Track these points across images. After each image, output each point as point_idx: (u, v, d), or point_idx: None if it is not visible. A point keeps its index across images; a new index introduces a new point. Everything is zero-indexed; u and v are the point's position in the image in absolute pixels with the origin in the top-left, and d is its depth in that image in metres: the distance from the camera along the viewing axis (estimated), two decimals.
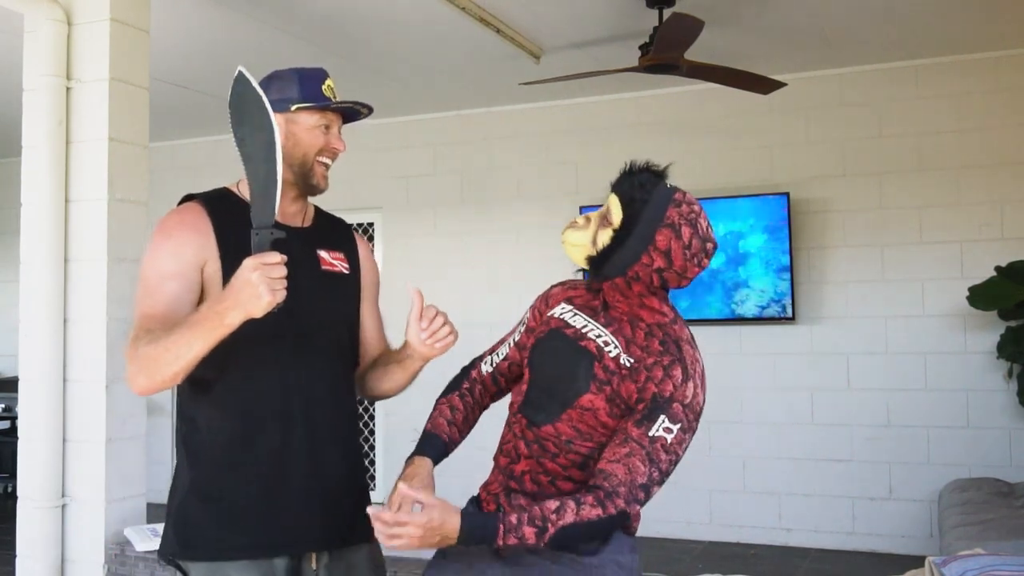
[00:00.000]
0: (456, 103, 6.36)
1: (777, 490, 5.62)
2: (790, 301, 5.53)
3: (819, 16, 4.69)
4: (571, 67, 5.11)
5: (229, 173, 2.03)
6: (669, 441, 1.72)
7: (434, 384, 2.16)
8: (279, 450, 1.85)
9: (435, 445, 1.94)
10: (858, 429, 5.51)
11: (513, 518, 1.65)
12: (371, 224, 6.82)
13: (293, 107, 1.91)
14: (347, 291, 2.03)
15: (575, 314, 1.90)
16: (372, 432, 6.79)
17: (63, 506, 3.37)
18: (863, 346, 5.52)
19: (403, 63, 5.39)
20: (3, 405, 6.86)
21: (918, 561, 2.92)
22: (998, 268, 5.03)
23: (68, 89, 3.44)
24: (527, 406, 1.88)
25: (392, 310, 2.10)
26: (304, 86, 1.94)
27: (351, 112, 2.00)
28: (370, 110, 2.00)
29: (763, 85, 4.57)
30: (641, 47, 4.33)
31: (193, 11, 4.45)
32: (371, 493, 2.07)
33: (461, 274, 6.39)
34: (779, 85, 4.59)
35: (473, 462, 2.08)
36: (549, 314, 1.95)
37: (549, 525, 1.64)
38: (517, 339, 2.04)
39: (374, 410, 6.78)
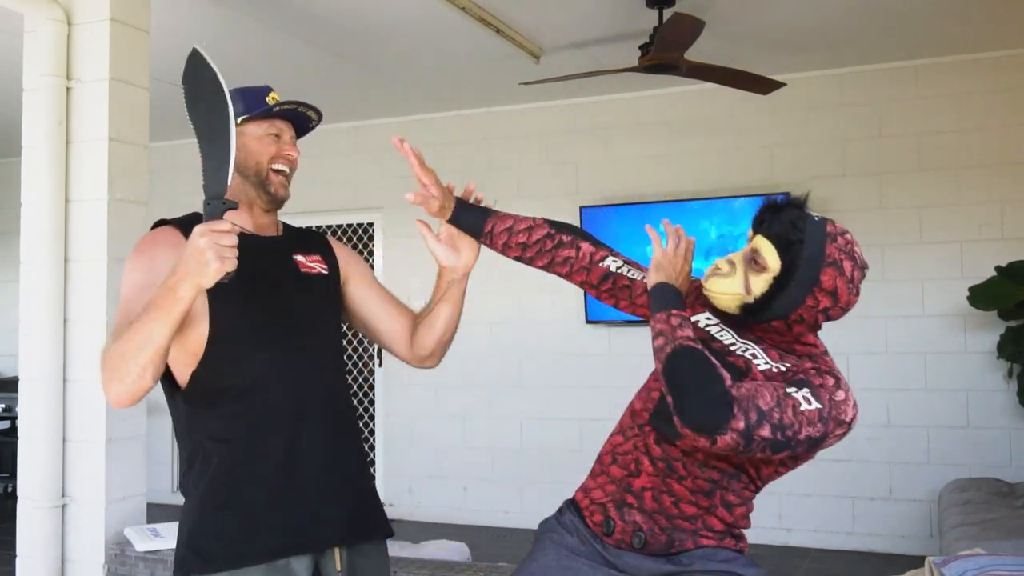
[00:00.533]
0: (456, 103, 6.36)
1: (777, 490, 5.57)
2: None
3: (819, 16, 4.69)
4: (571, 67, 5.11)
5: None
6: (801, 408, 1.61)
7: (441, 385, 2.16)
8: (289, 452, 1.85)
9: (478, 211, 2.04)
10: (858, 429, 5.42)
11: (675, 320, 1.67)
12: (371, 224, 6.82)
13: (239, 120, 1.90)
14: (329, 290, 2.06)
15: (722, 329, 1.81)
16: (372, 432, 6.78)
17: (63, 506, 3.36)
18: (863, 346, 5.51)
19: (403, 63, 5.39)
20: (3, 405, 6.86)
21: (918, 561, 2.93)
22: (998, 268, 5.03)
23: (68, 89, 3.43)
24: (660, 417, 1.77)
25: None
26: (247, 99, 1.95)
27: (303, 122, 2.02)
28: (319, 114, 2.02)
29: (763, 85, 4.57)
30: (641, 47, 4.33)
31: (193, 11, 4.45)
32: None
33: None
34: (779, 85, 4.59)
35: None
36: (692, 318, 1.84)
37: (671, 333, 1.65)
38: (637, 278, 1.96)
39: (374, 410, 6.78)
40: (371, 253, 6.81)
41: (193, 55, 1.72)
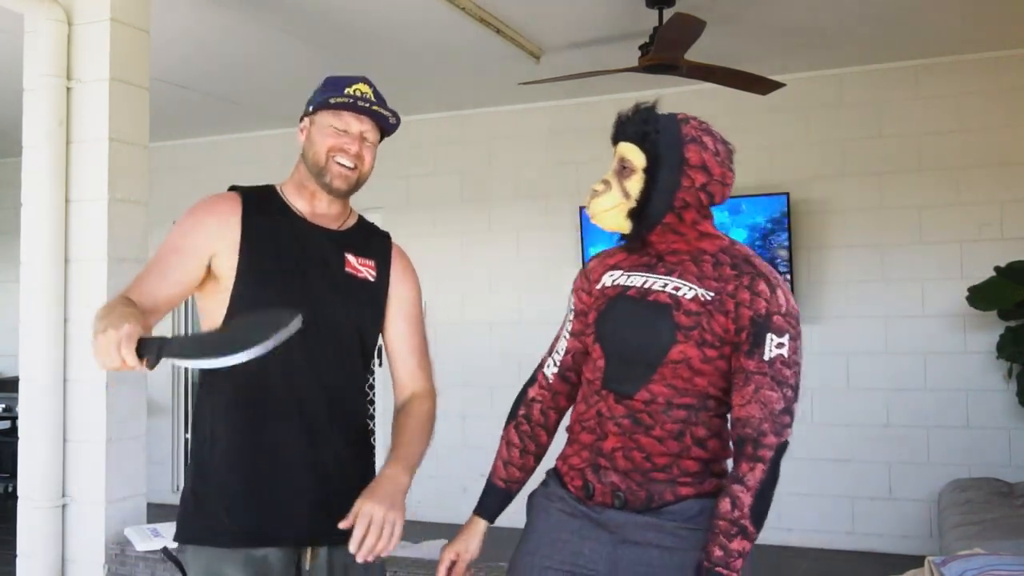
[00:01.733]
0: (456, 103, 6.36)
1: (777, 490, 5.60)
2: None
3: (819, 16, 4.69)
4: (571, 67, 5.11)
5: (229, 173, 2.04)
6: (786, 355, 1.71)
7: (441, 385, 2.15)
8: (276, 444, 1.88)
9: (492, 496, 2.00)
10: (858, 429, 5.51)
11: (717, 552, 1.67)
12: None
13: (311, 108, 1.99)
14: (368, 298, 2.02)
15: (629, 276, 1.84)
16: (372, 432, 6.78)
17: (63, 506, 3.36)
18: (863, 346, 5.52)
19: (403, 63, 5.39)
20: (3, 405, 6.86)
21: (918, 561, 2.93)
22: (997, 268, 5.03)
23: (68, 89, 3.44)
24: (611, 381, 1.80)
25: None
26: (327, 88, 1.97)
27: (382, 122, 1.99)
28: (392, 113, 1.99)
29: (762, 85, 4.57)
30: (641, 47, 4.33)
31: (193, 11, 4.45)
32: None
33: (461, 274, 6.39)
34: (778, 85, 4.59)
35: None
36: (599, 287, 1.89)
37: (744, 522, 1.69)
38: (571, 328, 1.97)
39: (374, 410, 6.77)
40: None
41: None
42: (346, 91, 1.94)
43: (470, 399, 6.30)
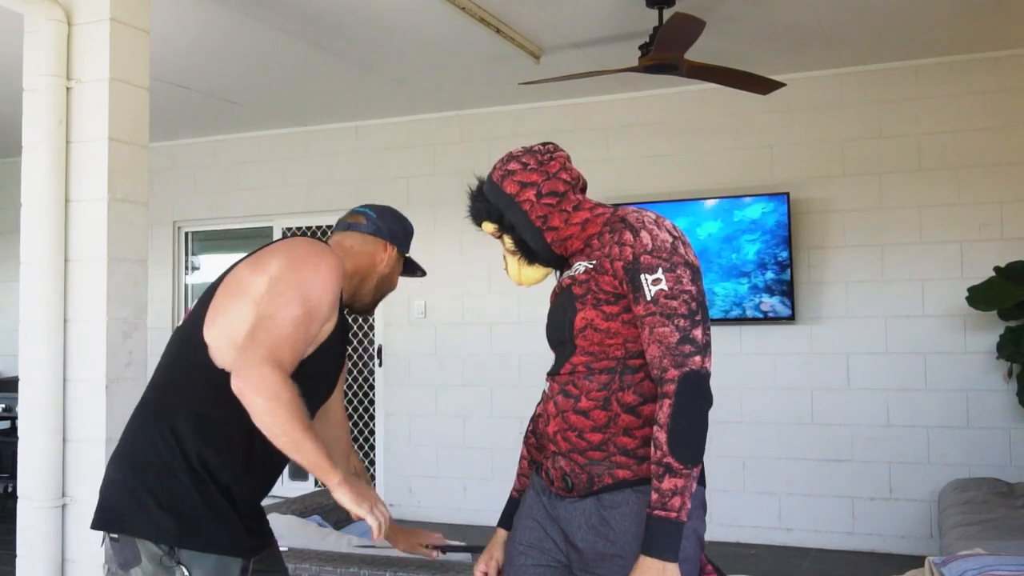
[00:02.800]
0: (456, 103, 6.36)
1: (777, 490, 5.62)
2: (790, 301, 5.54)
3: (819, 16, 4.70)
4: (571, 67, 5.11)
5: (229, 173, 2.04)
6: (667, 288, 1.81)
7: (441, 385, 2.19)
8: (275, 459, 1.92)
9: (509, 506, 2.14)
10: (858, 429, 5.51)
11: (654, 496, 1.73)
12: None
13: (407, 251, 2.23)
14: None
15: (559, 280, 2.05)
16: (372, 432, 6.79)
17: (63, 506, 3.36)
18: (863, 346, 5.52)
19: (403, 63, 5.40)
20: (3, 405, 6.86)
21: (918, 561, 2.93)
22: (997, 268, 5.03)
23: (68, 89, 3.44)
24: (552, 367, 1.98)
25: (391, 309, 2.11)
26: (411, 240, 2.25)
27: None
28: (423, 273, 2.31)
29: (762, 85, 4.57)
30: (641, 47, 4.34)
31: (193, 11, 4.45)
32: None
33: (461, 274, 6.39)
34: (778, 85, 4.59)
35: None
36: (563, 285, 2.10)
37: (667, 460, 1.72)
38: None
39: (374, 410, 6.78)
40: None
41: None
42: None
43: (470, 399, 6.30)
